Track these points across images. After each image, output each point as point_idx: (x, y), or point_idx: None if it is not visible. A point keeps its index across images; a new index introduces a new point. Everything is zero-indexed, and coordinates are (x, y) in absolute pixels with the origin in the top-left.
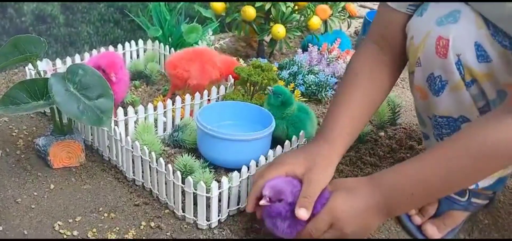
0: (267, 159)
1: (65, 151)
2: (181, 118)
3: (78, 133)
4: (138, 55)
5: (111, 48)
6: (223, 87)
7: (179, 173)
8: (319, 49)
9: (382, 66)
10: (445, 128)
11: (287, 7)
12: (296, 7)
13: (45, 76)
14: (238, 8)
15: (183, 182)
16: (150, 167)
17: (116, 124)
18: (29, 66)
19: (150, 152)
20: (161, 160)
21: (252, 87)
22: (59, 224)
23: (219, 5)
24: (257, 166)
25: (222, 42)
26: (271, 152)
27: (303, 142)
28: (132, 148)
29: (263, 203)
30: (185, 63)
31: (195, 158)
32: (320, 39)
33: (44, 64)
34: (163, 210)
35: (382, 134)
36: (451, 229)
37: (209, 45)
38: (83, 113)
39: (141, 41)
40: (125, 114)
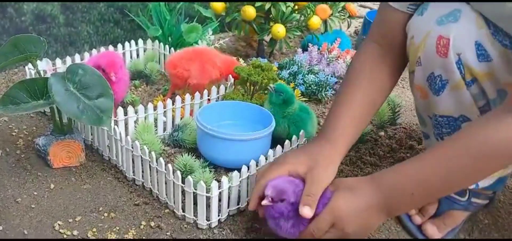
0: (267, 158)
1: (65, 150)
2: (181, 118)
3: (78, 132)
4: (138, 55)
5: (111, 47)
6: (223, 87)
7: (179, 172)
8: (319, 49)
9: (383, 65)
10: (446, 128)
11: (287, 7)
12: (296, 7)
13: (45, 76)
14: (238, 8)
15: (183, 182)
16: (150, 166)
17: (116, 123)
18: (29, 66)
19: (150, 152)
20: (161, 159)
21: (252, 87)
22: (59, 224)
23: (219, 5)
24: (257, 166)
25: (222, 41)
26: (271, 151)
27: (303, 142)
28: (132, 147)
29: (265, 203)
30: (185, 63)
31: (195, 157)
32: (320, 39)
33: (44, 63)
34: (163, 209)
35: (382, 133)
36: (451, 229)
37: (209, 45)
38: (83, 113)
39: (141, 41)
40: (125, 113)
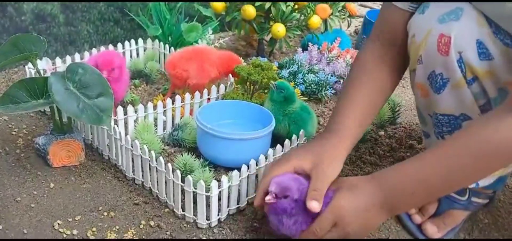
0: (267, 158)
1: (65, 150)
2: (181, 117)
3: (78, 132)
4: (138, 54)
5: (111, 47)
6: (223, 86)
7: (178, 172)
8: (319, 48)
9: (385, 63)
10: (446, 126)
11: (287, 6)
12: (296, 6)
13: (45, 75)
14: (238, 7)
15: (183, 181)
16: (149, 166)
17: (115, 123)
18: (29, 65)
19: (149, 151)
20: (161, 159)
21: (252, 86)
22: (58, 223)
23: (219, 4)
24: (257, 165)
25: (222, 41)
26: (271, 151)
27: (303, 141)
28: (131, 147)
29: (269, 199)
30: (184, 63)
31: (195, 157)
32: (320, 38)
33: (43, 63)
34: (163, 209)
35: (382, 133)
36: (451, 228)
37: (209, 44)
38: (83, 112)
39: (141, 40)
40: (125, 113)
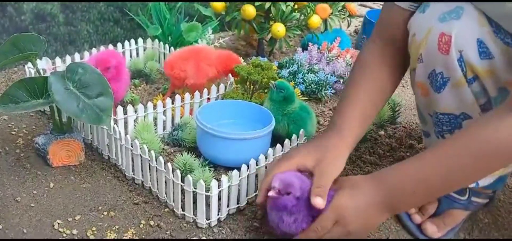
0: (267, 158)
1: (65, 149)
2: (181, 117)
3: (77, 131)
4: (137, 54)
5: (111, 46)
6: (223, 86)
7: (178, 171)
8: (319, 48)
9: (386, 63)
10: (446, 125)
11: (287, 6)
12: (296, 6)
13: (45, 75)
14: (238, 7)
15: (183, 181)
16: (149, 165)
17: (115, 122)
18: (29, 65)
19: (149, 151)
20: (161, 158)
21: (251, 86)
22: (58, 223)
23: (218, 4)
24: (257, 165)
25: (222, 40)
26: (271, 150)
27: (303, 141)
28: (131, 146)
29: (272, 194)
30: (182, 63)
31: (194, 156)
32: (320, 38)
33: (43, 62)
34: (163, 208)
35: (382, 132)
36: (451, 228)
37: (208, 44)
38: (83, 112)
39: (140, 40)
40: (125, 112)
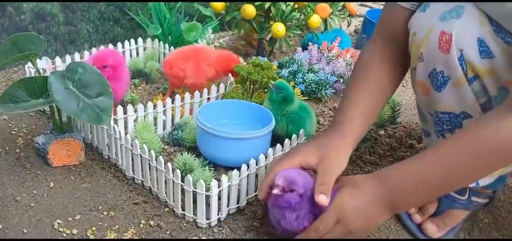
0: (266, 157)
1: (65, 149)
2: (181, 117)
3: (77, 131)
4: (137, 53)
5: (110, 46)
6: (223, 86)
7: (178, 171)
8: (319, 48)
9: (387, 62)
10: (447, 124)
11: (287, 6)
12: (296, 6)
13: (45, 74)
14: (237, 7)
15: (183, 181)
16: (149, 165)
17: (115, 122)
18: (29, 64)
19: (149, 151)
20: (161, 158)
21: (251, 86)
22: (58, 223)
23: (218, 4)
24: (257, 164)
25: (221, 40)
26: (271, 150)
27: (303, 141)
28: (131, 146)
29: (276, 192)
30: (181, 62)
31: (194, 156)
32: (320, 38)
33: (43, 62)
34: (163, 208)
35: (382, 132)
36: (451, 228)
37: (208, 44)
38: (83, 111)
39: (140, 39)
40: (125, 112)
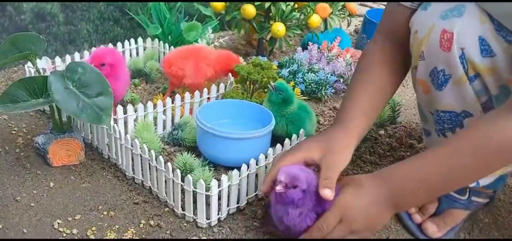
0: (266, 157)
1: (65, 149)
2: (181, 116)
3: (77, 131)
4: (137, 53)
5: (110, 46)
6: (223, 85)
7: (178, 171)
8: (319, 48)
9: (388, 61)
10: (448, 123)
11: (287, 5)
12: (296, 5)
13: (45, 74)
14: (237, 6)
15: (183, 180)
16: (149, 165)
17: (115, 122)
18: (29, 64)
19: (149, 150)
20: (161, 158)
21: (251, 86)
22: (58, 223)
23: (218, 3)
24: (257, 164)
25: (221, 40)
26: (271, 150)
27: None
28: (131, 146)
29: (279, 189)
30: (180, 62)
31: (194, 156)
32: (320, 38)
33: (43, 62)
34: (163, 208)
35: (382, 132)
36: (451, 227)
37: (208, 43)
38: (83, 111)
39: (140, 39)
40: (125, 112)
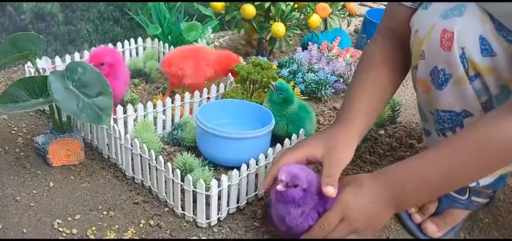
0: (266, 157)
1: (64, 149)
2: (181, 116)
3: (77, 131)
4: (137, 53)
5: (110, 46)
6: (222, 85)
7: (178, 171)
8: (319, 47)
9: (389, 60)
10: (448, 123)
11: (287, 5)
12: (296, 5)
13: (44, 74)
14: (237, 6)
15: (183, 180)
16: (149, 165)
17: (115, 122)
18: (28, 64)
19: (149, 150)
20: (161, 158)
21: (251, 85)
22: (58, 222)
23: (218, 3)
24: (257, 164)
25: (221, 40)
26: (271, 150)
27: None
28: (131, 146)
29: (280, 189)
30: (180, 61)
31: (194, 156)
32: (320, 37)
33: (43, 62)
34: (163, 208)
35: (382, 132)
36: (451, 227)
37: (208, 43)
38: (82, 111)
39: (140, 39)
40: (125, 112)
